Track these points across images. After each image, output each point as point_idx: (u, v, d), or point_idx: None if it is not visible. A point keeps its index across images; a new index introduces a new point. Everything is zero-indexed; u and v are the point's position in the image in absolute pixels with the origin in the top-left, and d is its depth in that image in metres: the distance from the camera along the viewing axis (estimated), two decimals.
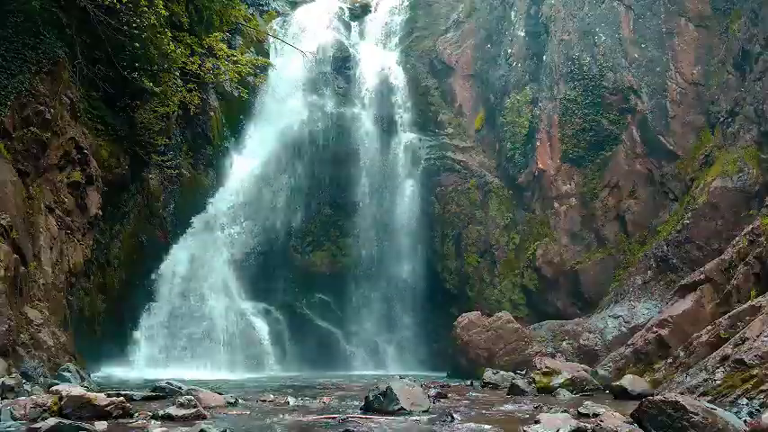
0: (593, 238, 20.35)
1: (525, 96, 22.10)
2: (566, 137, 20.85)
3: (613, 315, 18.00)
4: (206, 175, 21.21)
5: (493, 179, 22.37)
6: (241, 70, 19.10)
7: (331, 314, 21.75)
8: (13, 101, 12.85)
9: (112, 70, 15.64)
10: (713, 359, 10.18)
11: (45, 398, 8.34)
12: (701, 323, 12.98)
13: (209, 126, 21.29)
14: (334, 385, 14.21)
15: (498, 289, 21.28)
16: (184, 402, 8.33)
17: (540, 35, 22.23)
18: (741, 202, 17.06)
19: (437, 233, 22.49)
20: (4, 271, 11.23)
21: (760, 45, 17.70)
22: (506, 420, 8.81)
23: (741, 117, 17.89)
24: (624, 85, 20.22)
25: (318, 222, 22.43)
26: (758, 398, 8.54)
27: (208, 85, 20.12)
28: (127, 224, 18.16)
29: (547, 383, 12.99)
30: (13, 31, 13.06)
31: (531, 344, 17.70)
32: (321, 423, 8.23)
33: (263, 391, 12.17)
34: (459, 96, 23.98)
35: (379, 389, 9.29)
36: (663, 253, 18.18)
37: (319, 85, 23.69)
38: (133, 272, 18.25)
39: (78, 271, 14.75)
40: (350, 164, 22.69)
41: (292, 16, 25.73)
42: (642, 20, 20.30)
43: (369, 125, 23.34)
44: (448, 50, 24.31)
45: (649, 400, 7.41)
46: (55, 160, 13.90)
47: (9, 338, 10.84)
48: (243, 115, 22.74)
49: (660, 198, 19.69)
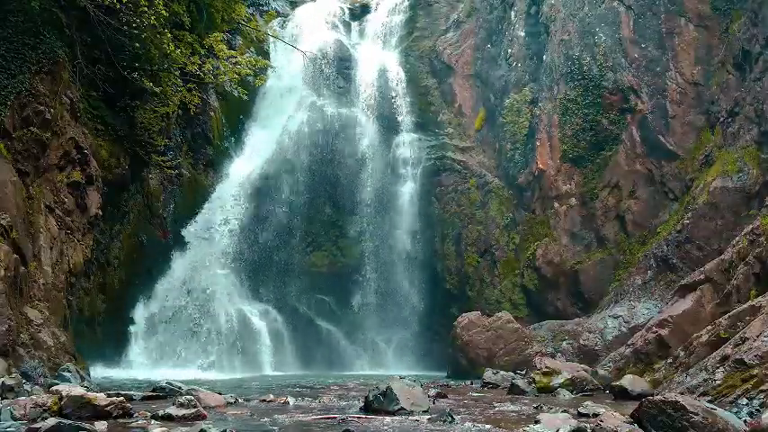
0: (593, 238, 20.35)
1: (525, 96, 22.11)
2: (566, 137, 20.85)
3: (613, 315, 18.01)
4: (206, 175, 21.21)
5: (493, 179, 22.38)
6: (241, 71, 19.09)
7: (331, 314, 21.74)
8: (13, 101, 12.85)
9: (112, 70, 15.63)
10: (713, 359, 10.18)
11: (45, 398, 8.33)
12: (701, 323, 12.98)
13: (209, 126, 21.30)
14: (334, 385, 14.20)
15: (498, 289, 21.28)
16: (184, 402, 8.32)
17: (540, 35, 22.24)
18: (741, 202, 17.06)
19: (437, 233, 22.50)
20: (4, 271, 11.23)
21: (760, 45, 17.70)
22: (506, 420, 8.80)
23: (741, 117, 17.89)
24: (624, 85, 20.22)
25: (318, 222, 22.42)
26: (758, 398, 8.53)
27: (208, 85, 20.10)
28: (127, 224, 18.16)
29: (547, 383, 12.98)
30: (13, 31, 13.06)
31: (531, 344, 17.70)
32: (321, 423, 8.23)
33: (263, 391, 12.16)
34: (460, 96, 23.98)
35: (379, 389, 9.29)
36: (663, 253, 18.19)
37: (319, 86, 23.70)
38: (133, 272, 18.25)
39: (78, 271, 14.74)
40: (350, 164, 22.69)
41: (292, 16, 25.75)
42: (642, 20, 20.30)
43: (369, 125, 23.34)
44: (448, 50, 24.31)
45: (649, 400, 7.41)
46: (55, 160, 13.90)
47: (9, 338, 10.84)
48: (243, 115, 22.74)
49: (660, 198, 19.70)
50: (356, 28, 26.66)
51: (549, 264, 20.52)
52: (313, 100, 23.35)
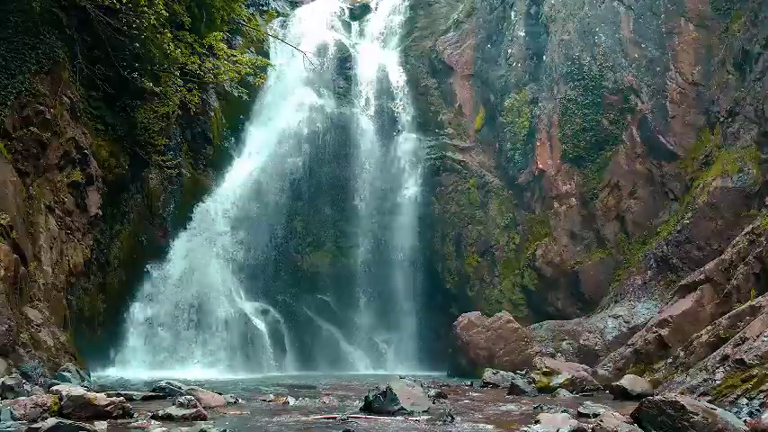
0: (593, 238, 20.35)
1: (525, 96, 22.11)
2: (566, 137, 20.85)
3: (613, 315, 18.00)
4: (206, 175, 21.18)
5: (493, 179, 22.37)
6: (241, 70, 19.11)
7: (331, 314, 21.72)
8: (13, 101, 12.86)
9: (112, 70, 15.64)
10: (713, 359, 10.18)
11: (45, 398, 8.33)
12: (701, 323, 12.99)
13: (209, 126, 21.29)
14: (334, 385, 14.20)
15: (498, 289, 21.28)
16: (184, 402, 8.33)
17: (540, 35, 22.23)
18: (741, 202, 17.04)
19: (437, 233, 22.49)
20: (4, 271, 11.23)
21: (760, 45, 17.69)
22: (506, 420, 8.81)
23: (741, 117, 17.88)
24: (624, 85, 20.22)
25: (318, 222, 22.41)
26: (758, 398, 8.53)
27: (208, 85, 20.11)
28: (127, 224, 18.16)
29: (547, 383, 12.99)
30: (13, 31, 13.07)
31: (531, 344, 17.69)
32: (321, 423, 8.23)
33: (263, 391, 12.16)
34: (460, 96, 23.97)
35: (379, 389, 9.29)
36: (663, 253, 18.18)
37: (319, 86, 23.68)
38: (133, 272, 18.24)
39: (78, 271, 14.75)
40: (350, 164, 22.69)
41: (292, 16, 25.73)
42: (642, 20, 20.31)
43: (369, 125, 23.33)
44: (448, 50, 24.30)
45: (649, 400, 7.41)
46: (55, 160, 13.90)
47: (9, 338, 10.84)
48: (243, 115, 22.72)
49: (660, 198, 19.70)
50: (356, 28, 26.66)
51: (549, 264, 20.52)
52: (313, 100, 23.32)
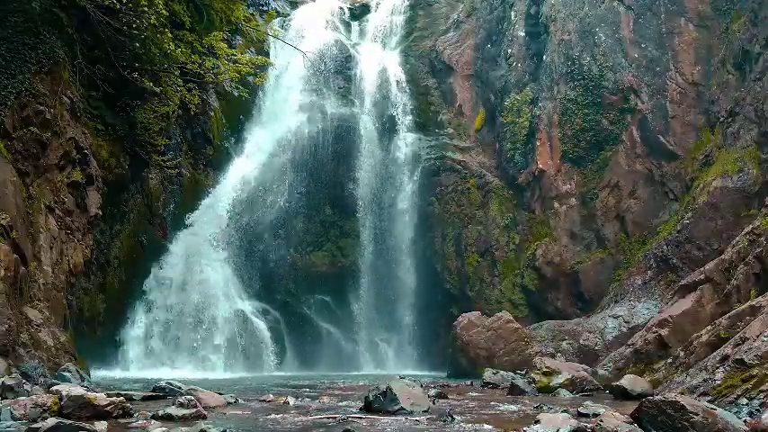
0: (593, 238, 20.36)
1: (525, 96, 22.11)
2: (566, 137, 20.86)
3: (613, 315, 18.01)
4: (206, 175, 21.20)
5: (493, 179, 22.38)
6: (241, 70, 19.11)
7: (331, 314, 21.74)
8: (13, 101, 12.85)
9: (112, 70, 15.63)
10: (713, 359, 10.17)
11: (45, 398, 8.31)
12: (701, 323, 12.98)
13: (209, 126, 21.30)
14: (333, 385, 14.20)
15: (498, 289, 21.28)
16: (184, 402, 8.32)
17: (540, 35, 22.24)
18: (741, 202, 17.05)
19: (437, 233, 22.49)
20: (4, 271, 11.22)
21: (760, 45, 17.70)
22: (506, 420, 8.80)
23: (741, 117, 17.88)
24: (624, 85, 20.23)
25: (318, 222, 22.43)
26: (758, 398, 8.52)
27: (208, 85, 20.12)
28: (127, 224, 18.18)
29: (547, 383, 12.98)
30: (13, 31, 13.06)
31: (531, 344, 17.69)
32: (321, 423, 8.23)
33: (263, 391, 12.16)
34: (460, 96, 23.98)
35: (379, 389, 9.28)
36: (663, 253, 18.19)
37: (319, 86, 23.69)
38: (133, 272, 18.26)
39: (78, 271, 14.75)
40: (350, 164, 22.70)
41: (292, 16, 25.74)
42: (642, 20, 20.31)
43: (369, 125, 23.35)
44: (448, 50, 24.31)
45: (649, 400, 7.40)
46: (55, 160, 13.89)
47: (9, 338, 10.83)
48: (243, 115, 22.73)
49: (660, 198, 19.71)
50: (356, 28, 26.67)
51: (549, 264, 20.53)
52: (313, 100, 23.34)
